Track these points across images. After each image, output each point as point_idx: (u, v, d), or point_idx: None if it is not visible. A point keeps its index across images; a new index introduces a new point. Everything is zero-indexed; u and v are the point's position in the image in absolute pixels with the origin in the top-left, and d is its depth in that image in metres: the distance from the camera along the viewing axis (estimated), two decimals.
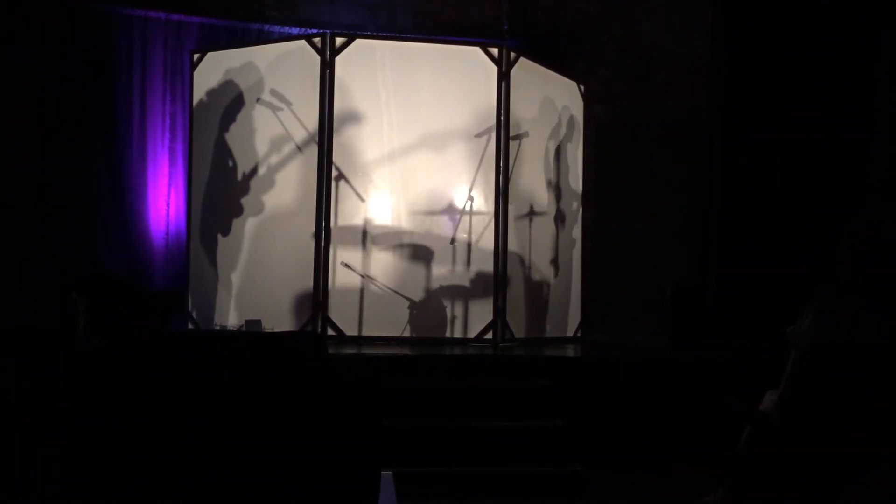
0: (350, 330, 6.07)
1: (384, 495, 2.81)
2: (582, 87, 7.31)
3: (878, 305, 2.88)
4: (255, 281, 6.38)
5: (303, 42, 6.26)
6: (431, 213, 6.28)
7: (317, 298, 6.01)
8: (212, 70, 6.65)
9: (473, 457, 4.56)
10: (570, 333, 7.11)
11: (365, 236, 6.19)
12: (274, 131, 6.34)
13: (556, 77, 6.96)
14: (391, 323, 6.11)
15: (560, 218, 6.94)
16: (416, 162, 6.28)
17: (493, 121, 6.22)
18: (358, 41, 6.23)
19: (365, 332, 6.08)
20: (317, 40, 6.19)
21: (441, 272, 6.23)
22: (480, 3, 8.25)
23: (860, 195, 5.73)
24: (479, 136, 6.24)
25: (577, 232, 7.24)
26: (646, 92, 7.81)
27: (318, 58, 6.14)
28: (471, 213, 6.24)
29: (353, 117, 6.20)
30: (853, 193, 5.80)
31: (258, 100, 6.37)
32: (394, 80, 6.23)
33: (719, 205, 6.31)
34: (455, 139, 6.27)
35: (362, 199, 6.19)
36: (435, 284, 6.20)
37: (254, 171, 6.43)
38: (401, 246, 6.23)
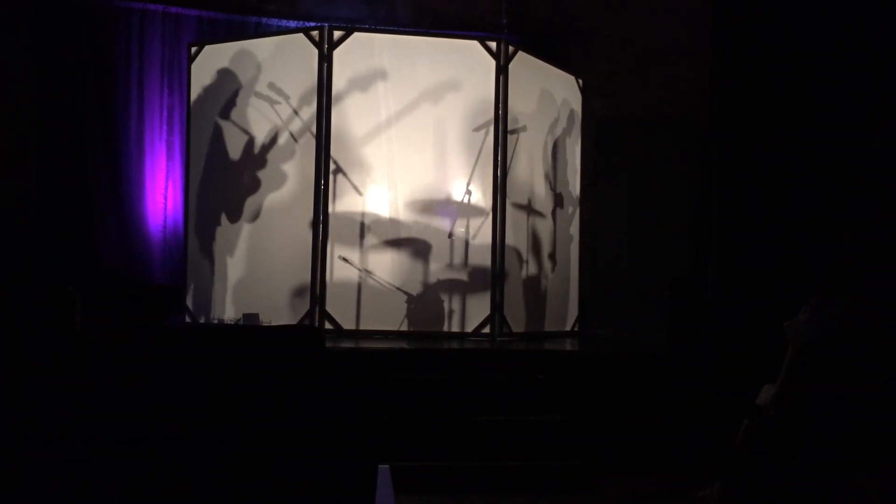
0: (348, 324, 6.06)
1: (381, 489, 2.81)
2: (581, 82, 7.30)
3: (876, 301, 2.88)
4: (253, 275, 6.38)
5: (300, 35, 6.24)
6: (429, 207, 6.27)
7: (314, 292, 6.01)
8: (209, 63, 6.64)
9: (471, 451, 4.56)
10: (568, 328, 7.12)
11: (363, 230, 6.18)
12: (271, 125, 6.33)
13: (554, 71, 6.95)
14: (389, 317, 6.10)
15: (558, 212, 6.93)
16: (414, 156, 6.27)
17: (492, 115, 6.21)
18: (356, 35, 6.22)
19: (363, 326, 6.08)
20: (315, 33, 6.17)
21: (439, 266, 6.22)
22: None
23: (859, 191, 5.73)
24: (477, 130, 6.23)
25: (575, 226, 7.24)
26: (645, 87, 7.80)
27: (315, 51, 6.13)
28: (468, 207, 6.23)
29: (351, 111, 6.19)
30: (853, 189, 5.80)
31: (256, 93, 6.36)
32: (392, 74, 6.21)
33: (718, 200, 6.29)
34: (453, 133, 6.26)
35: (360, 193, 6.18)
36: (433, 278, 6.20)
37: (251, 164, 6.42)
38: (398, 240, 6.22)
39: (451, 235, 6.22)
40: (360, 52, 6.17)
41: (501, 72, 6.21)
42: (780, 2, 6.20)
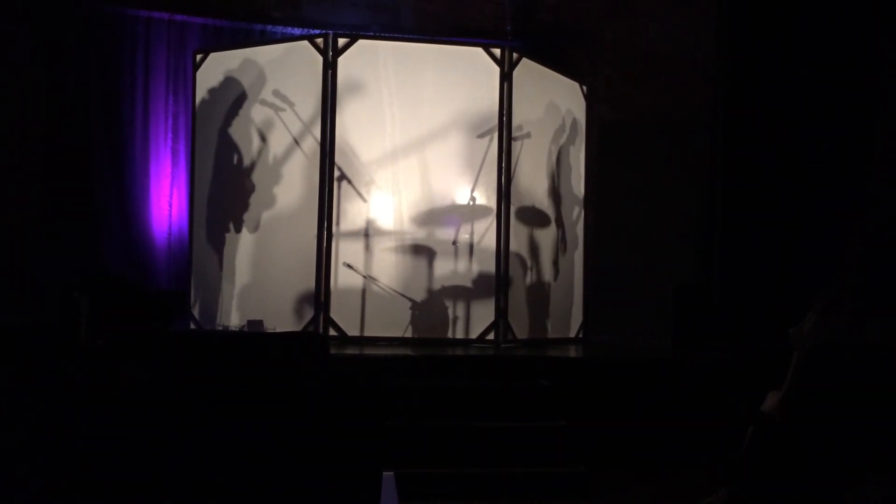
0: (352, 330, 6.07)
1: (386, 496, 2.80)
2: (584, 88, 7.30)
3: (881, 307, 2.87)
4: (258, 281, 6.38)
5: (305, 42, 6.26)
6: (433, 213, 6.27)
7: (319, 299, 6.01)
8: (214, 70, 6.66)
9: (476, 457, 4.56)
10: (572, 334, 7.11)
11: (367, 237, 6.19)
12: (276, 132, 6.34)
13: (558, 78, 6.96)
14: (393, 323, 6.10)
15: (562, 218, 6.93)
16: (419, 162, 6.27)
17: (496, 121, 6.21)
18: (360, 42, 6.23)
19: (367, 333, 6.08)
20: (319, 41, 6.19)
21: (443, 273, 6.22)
22: (483, 4, 8.25)
23: (864, 196, 5.73)
24: (481, 136, 6.23)
25: (579, 232, 7.24)
26: (649, 92, 7.80)
27: (320, 58, 6.14)
28: (473, 213, 6.23)
29: (356, 118, 6.20)
30: (856, 195, 5.80)
31: (261, 101, 6.37)
32: (396, 81, 6.22)
33: (723, 205, 6.30)
34: (457, 140, 6.26)
35: (364, 200, 6.19)
36: (437, 285, 6.20)
37: (256, 171, 6.44)
38: (403, 246, 6.23)
39: (455, 242, 6.22)
40: (364, 59, 6.19)
41: (505, 78, 6.22)
42: (784, 7, 6.21)
